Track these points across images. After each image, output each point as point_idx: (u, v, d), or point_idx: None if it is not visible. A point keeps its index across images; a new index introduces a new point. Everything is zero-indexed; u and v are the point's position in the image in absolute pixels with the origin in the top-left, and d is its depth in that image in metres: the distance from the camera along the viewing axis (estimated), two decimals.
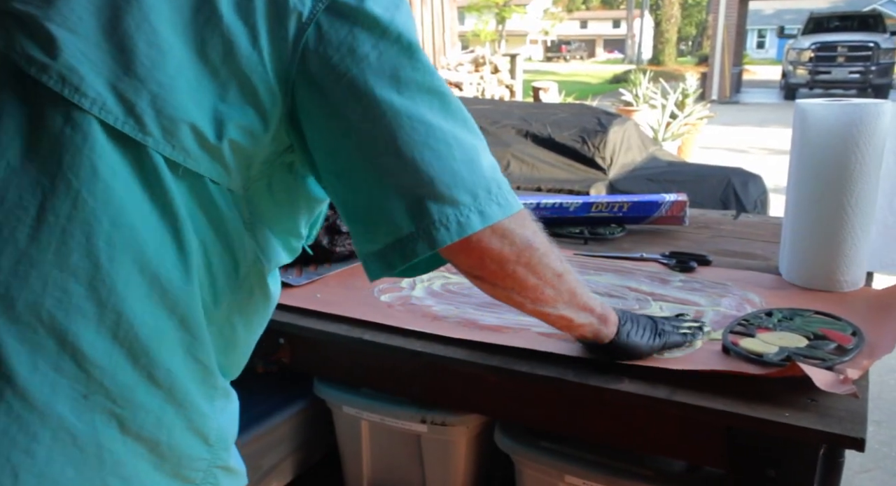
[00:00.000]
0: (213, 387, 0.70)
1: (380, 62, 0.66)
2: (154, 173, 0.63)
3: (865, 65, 14.00)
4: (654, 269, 1.30)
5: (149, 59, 0.62)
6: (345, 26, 0.66)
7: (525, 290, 0.76)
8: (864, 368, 0.86)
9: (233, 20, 0.64)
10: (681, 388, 0.86)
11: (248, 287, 0.74)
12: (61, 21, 0.61)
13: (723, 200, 3.37)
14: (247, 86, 0.65)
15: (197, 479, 0.69)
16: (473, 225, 0.67)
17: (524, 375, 0.93)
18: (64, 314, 0.59)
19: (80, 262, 0.60)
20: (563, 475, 1.08)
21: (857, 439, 0.76)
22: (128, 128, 0.62)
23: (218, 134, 0.65)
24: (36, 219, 0.59)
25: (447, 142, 0.67)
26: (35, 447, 0.59)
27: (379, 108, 0.65)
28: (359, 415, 1.23)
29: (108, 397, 0.62)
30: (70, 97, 0.61)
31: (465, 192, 0.66)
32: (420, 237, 0.66)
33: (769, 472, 0.83)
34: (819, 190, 1.14)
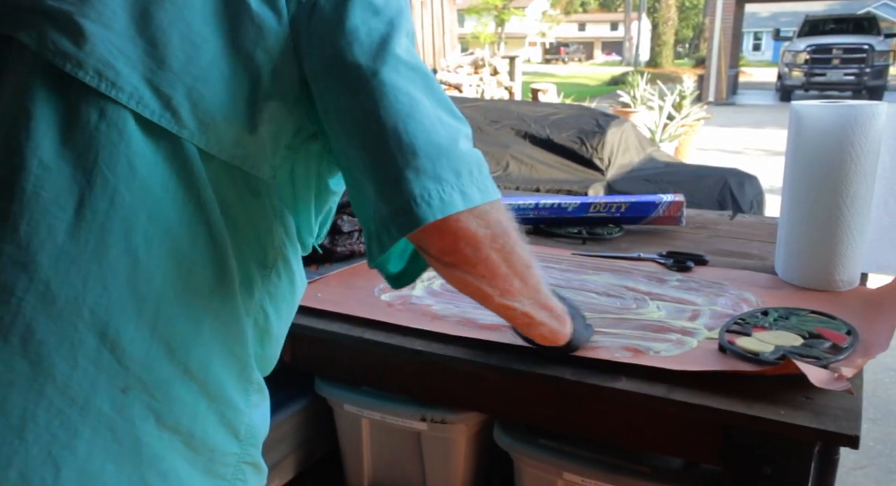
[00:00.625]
0: (248, 381, 0.71)
1: (370, 37, 0.64)
2: (188, 166, 0.63)
3: (860, 67, 14.01)
4: (651, 268, 1.30)
5: (183, 53, 0.63)
6: (339, 5, 0.65)
7: (496, 279, 0.71)
8: (859, 366, 0.86)
9: (260, 7, 0.64)
10: (678, 386, 0.86)
11: (277, 274, 0.74)
12: (96, 17, 0.61)
13: (719, 201, 3.37)
14: (278, 70, 0.66)
15: (227, 475, 0.69)
16: (455, 204, 0.62)
17: (523, 373, 0.93)
18: (104, 310, 0.60)
19: (120, 257, 0.60)
20: (561, 473, 1.08)
21: (851, 436, 0.76)
22: (164, 121, 0.62)
23: (252, 123, 0.65)
24: (74, 216, 0.59)
25: (430, 117, 0.63)
26: (76, 442, 0.59)
27: (363, 76, 0.63)
28: (359, 413, 1.23)
29: (146, 391, 0.62)
30: (107, 92, 0.61)
31: (448, 169, 0.62)
32: (401, 214, 0.61)
33: (765, 469, 0.83)
34: (815, 190, 1.14)
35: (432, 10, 9.29)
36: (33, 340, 0.58)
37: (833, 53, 14.23)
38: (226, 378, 0.67)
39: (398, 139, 0.62)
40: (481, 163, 0.66)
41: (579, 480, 1.06)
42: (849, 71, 14.11)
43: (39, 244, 0.59)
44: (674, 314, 1.07)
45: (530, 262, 0.74)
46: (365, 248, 0.69)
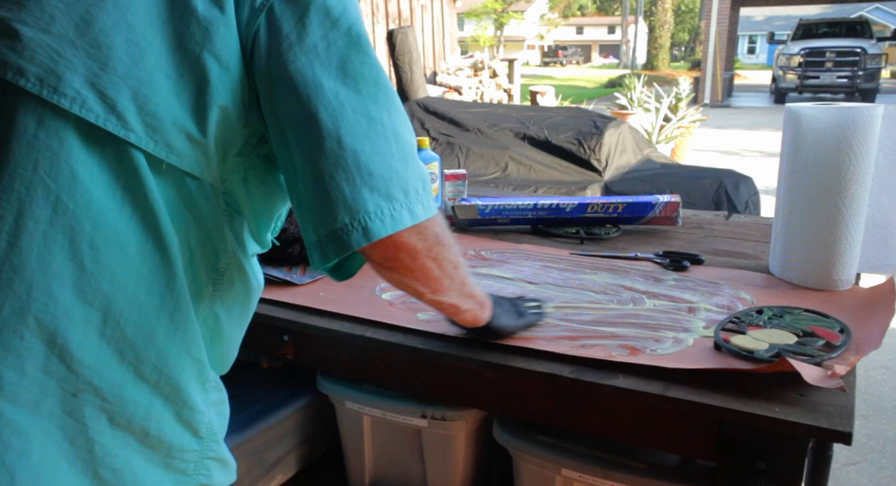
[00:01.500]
0: (205, 380, 0.71)
1: (328, 53, 0.65)
2: (134, 172, 0.62)
3: (853, 70, 14.01)
4: (648, 268, 1.30)
5: (128, 56, 0.61)
6: (296, 14, 0.65)
7: (429, 281, 0.75)
8: (852, 364, 0.86)
9: (207, 8, 0.63)
10: (674, 384, 0.86)
11: (229, 278, 0.74)
12: (33, 22, 0.60)
13: (715, 201, 3.37)
14: (225, 73, 0.64)
15: (189, 470, 0.69)
16: (404, 221, 0.66)
17: (521, 371, 0.93)
18: (51, 318, 0.59)
19: (65, 265, 0.59)
20: (559, 469, 1.08)
21: (844, 432, 0.76)
22: (109, 124, 0.61)
23: (200, 126, 0.64)
24: (14, 226, 0.58)
25: (387, 138, 0.66)
26: (28, 446, 0.59)
27: (325, 97, 0.64)
28: (361, 410, 1.23)
29: (97, 394, 0.62)
30: (49, 98, 0.59)
31: (398, 188, 0.66)
32: (355, 229, 0.64)
33: (760, 465, 0.83)
34: (814, 191, 1.14)
35: (432, 13, 9.28)
36: None
37: (826, 57, 14.23)
38: (182, 378, 0.67)
39: (356, 159, 0.64)
40: (426, 180, 0.70)
41: (577, 476, 1.06)
42: (842, 74, 14.10)
43: None
44: (670, 313, 1.07)
45: (458, 262, 0.79)
46: (308, 255, 0.70)
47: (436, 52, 9.45)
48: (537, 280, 1.24)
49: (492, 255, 1.39)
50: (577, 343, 0.97)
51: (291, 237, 1.32)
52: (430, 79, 8.29)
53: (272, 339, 1.16)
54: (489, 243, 1.48)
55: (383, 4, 8.24)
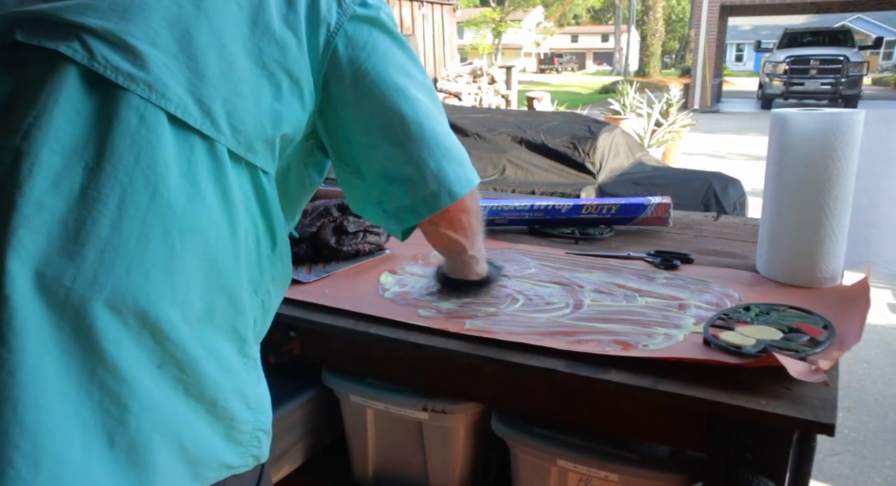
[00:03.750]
0: (247, 356, 0.74)
1: (396, 59, 0.79)
2: (219, 167, 0.68)
3: (836, 77, 14.02)
4: (640, 267, 1.30)
5: (219, 69, 0.68)
6: (365, 30, 0.77)
7: (474, 236, 0.95)
8: (835, 358, 0.86)
9: (283, 30, 0.72)
10: (665, 378, 0.86)
11: (280, 259, 0.80)
12: (142, 36, 0.65)
13: (704, 203, 3.37)
14: (296, 85, 0.73)
15: (244, 441, 0.72)
16: (473, 181, 0.84)
17: (519, 366, 0.93)
18: (145, 296, 0.62)
19: (159, 249, 0.63)
20: (555, 460, 1.08)
21: (827, 424, 0.76)
22: (206, 127, 0.66)
23: (275, 130, 0.72)
24: (117, 211, 0.62)
25: (444, 122, 0.83)
26: (126, 416, 0.62)
27: (404, 94, 0.79)
28: (364, 403, 1.23)
29: (178, 367, 0.65)
30: (157, 102, 0.64)
31: (464, 157, 0.84)
32: (442, 192, 0.81)
33: (747, 456, 0.83)
34: (799, 192, 1.14)
35: (433, 22, 9.27)
36: (83, 326, 0.60)
37: (811, 64, 14.23)
38: (233, 354, 0.71)
39: (436, 139, 0.81)
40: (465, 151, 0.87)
41: (572, 466, 1.06)
42: (825, 81, 14.11)
43: (85, 238, 0.61)
44: (662, 310, 1.07)
45: (480, 221, 0.97)
46: (393, 219, 0.85)
47: (436, 59, 9.45)
48: (535, 278, 1.24)
49: (490, 254, 1.39)
50: (572, 339, 0.97)
51: (298, 237, 1.32)
52: None
53: (279, 335, 1.16)
54: (487, 243, 1.47)
55: None
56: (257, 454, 0.74)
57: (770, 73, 14.91)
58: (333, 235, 1.33)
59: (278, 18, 0.71)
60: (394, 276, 1.26)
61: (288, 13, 0.72)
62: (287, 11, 0.72)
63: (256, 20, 0.70)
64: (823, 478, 2.15)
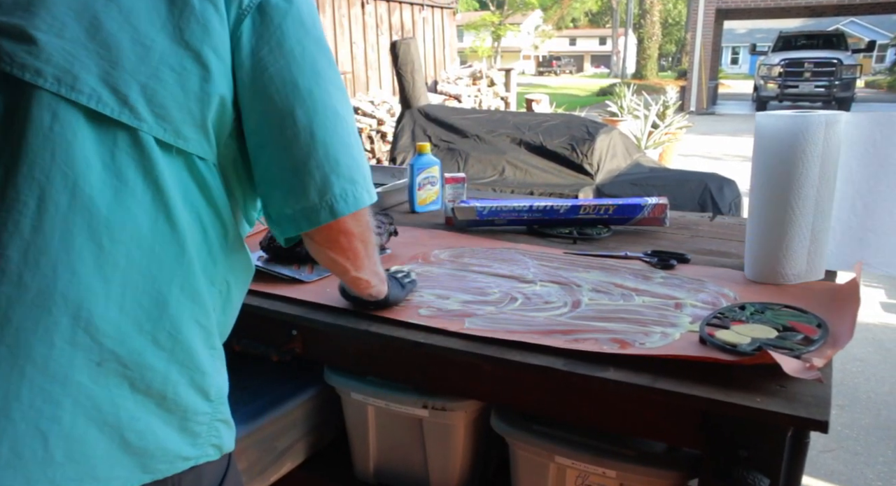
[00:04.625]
0: (213, 348, 0.72)
1: (303, 56, 0.71)
2: (145, 157, 0.65)
3: (830, 80, 14.01)
4: (637, 266, 1.30)
5: (134, 54, 0.64)
6: (275, 21, 0.70)
7: (356, 260, 0.84)
8: (829, 356, 0.86)
9: (202, 6, 0.67)
10: (661, 376, 0.86)
11: (236, 249, 0.77)
12: (47, 28, 0.63)
13: (700, 203, 3.37)
14: (221, 64, 0.68)
15: (202, 432, 0.70)
16: (364, 201, 0.75)
17: (517, 364, 0.93)
18: (75, 293, 0.61)
19: (85, 245, 0.61)
20: (553, 456, 1.08)
21: (821, 421, 0.76)
22: (124, 117, 0.63)
23: (203, 113, 0.68)
24: (37, 211, 0.60)
25: (348, 131, 0.74)
26: (60, 413, 0.60)
27: (300, 94, 0.70)
28: (365, 401, 1.23)
29: (120, 363, 0.63)
30: (67, 95, 0.62)
31: (358, 173, 0.74)
32: (323, 208, 0.72)
33: (742, 452, 0.83)
34: (768, 192, 1.16)
35: (433, 25, 9.27)
36: (10, 327, 0.59)
37: (805, 67, 14.22)
38: (194, 345, 0.69)
39: (326, 150, 0.71)
40: (368, 169, 0.78)
41: (570, 462, 1.06)
42: (819, 83, 14.10)
43: (8, 239, 0.60)
44: (658, 309, 1.07)
45: (375, 243, 0.87)
46: (274, 224, 0.76)
47: (437, 62, 9.44)
48: (533, 278, 1.23)
49: (489, 254, 1.39)
50: (570, 337, 0.97)
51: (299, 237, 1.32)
52: (432, 87, 8.28)
53: (281, 333, 1.16)
54: (487, 243, 1.48)
55: (387, 17, 8.23)
56: (217, 443, 0.72)
57: (765, 75, 14.89)
58: None
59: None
60: None
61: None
62: None
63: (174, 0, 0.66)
64: (817, 474, 2.15)
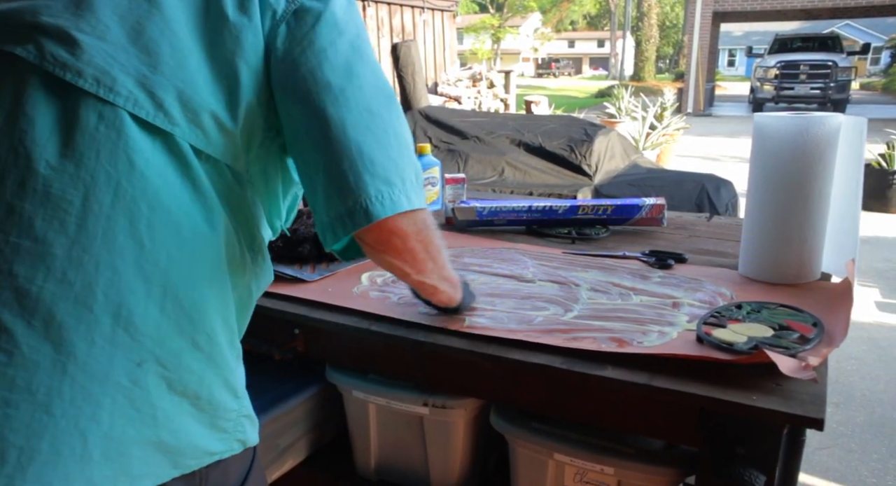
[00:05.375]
0: (236, 347, 0.73)
1: (336, 56, 0.69)
2: (183, 159, 0.65)
3: (825, 82, 14.01)
4: (635, 266, 1.30)
5: (173, 60, 0.65)
6: (308, 23, 0.69)
7: (415, 263, 0.78)
8: (824, 355, 0.86)
9: (237, 17, 0.67)
10: (659, 374, 0.86)
11: (262, 256, 0.78)
12: (90, 30, 0.63)
13: (697, 204, 3.37)
14: (252, 74, 0.68)
15: (228, 428, 0.71)
16: (402, 205, 0.69)
17: (517, 362, 0.93)
18: (116, 292, 0.61)
19: (126, 243, 0.61)
20: (552, 453, 1.08)
21: (817, 419, 0.76)
22: (158, 120, 0.64)
23: (233, 121, 0.68)
24: (82, 209, 0.60)
25: (386, 131, 0.70)
26: (99, 413, 0.60)
27: (332, 93, 0.68)
28: (367, 399, 1.23)
29: (159, 363, 0.63)
30: (105, 96, 0.62)
31: (396, 175, 0.69)
32: (358, 211, 0.68)
33: (738, 450, 0.83)
34: (771, 194, 1.15)
35: (434, 28, 9.26)
36: (54, 323, 0.59)
37: (800, 69, 14.22)
38: (224, 346, 0.70)
39: (360, 150, 0.68)
40: (419, 172, 0.74)
41: (568, 460, 1.06)
42: (815, 85, 14.10)
43: (54, 237, 0.60)
44: (656, 308, 1.07)
45: (441, 246, 0.82)
46: (321, 237, 0.73)
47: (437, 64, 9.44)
48: (532, 277, 1.23)
49: (489, 253, 1.39)
50: (569, 336, 0.97)
51: (301, 237, 1.32)
52: (432, 89, 8.27)
53: (284, 332, 1.16)
54: (486, 243, 1.48)
55: (388, 19, 8.23)
56: (242, 438, 0.73)
57: (761, 77, 14.90)
58: None
59: (232, 5, 0.67)
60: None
61: None
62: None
63: (209, 9, 0.67)
64: (812, 471, 2.15)
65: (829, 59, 14.22)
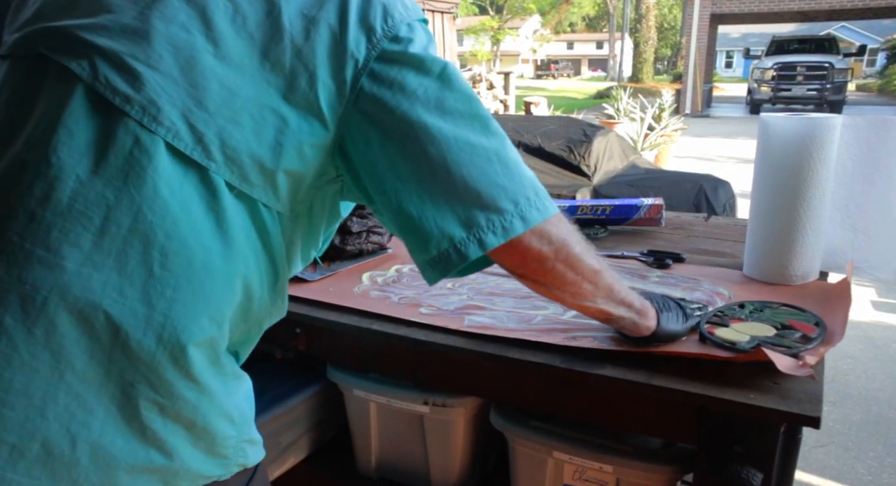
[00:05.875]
0: (222, 373, 0.70)
1: (426, 95, 0.69)
2: (214, 194, 0.65)
3: (822, 83, 14.02)
4: (634, 266, 1.30)
5: (220, 97, 0.65)
6: (394, 68, 0.69)
7: (565, 285, 0.76)
8: (821, 354, 0.86)
9: (295, 65, 0.67)
10: (658, 373, 0.86)
11: (281, 296, 0.77)
12: (145, 59, 0.63)
13: (695, 204, 3.37)
14: (302, 121, 0.67)
15: (229, 454, 0.70)
16: (517, 229, 0.69)
17: (516, 361, 0.93)
18: (118, 314, 0.60)
19: (136, 269, 0.61)
20: (551, 452, 1.08)
21: (813, 417, 0.76)
22: (196, 154, 0.64)
23: (275, 163, 0.67)
24: (100, 228, 0.60)
25: (489, 158, 0.69)
26: (91, 420, 0.60)
27: (429, 134, 0.68)
28: (367, 397, 1.23)
29: (152, 388, 0.63)
30: (148, 125, 0.62)
31: (507, 200, 0.69)
32: (471, 242, 0.68)
33: (736, 448, 0.83)
34: (775, 193, 1.15)
35: (434, 29, 9.28)
36: (56, 333, 0.59)
37: (797, 71, 14.23)
38: (209, 374, 0.68)
39: (464, 184, 0.68)
40: (536, 186, 0.72)
41: (568, 458, 1.06)
42: (811, 87, 14.11)
43: (68, 250, 0.59)
44: None
45: (599, 267, 0.79)
46: (422, 272, 0.73)
47: None
48: None
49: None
50: (568, 335, 0.96)
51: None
52: None
53: (285, 331, 1.16)
54: None
55: None
56: (243, 462, 0.72)
57: (758, 79, 14.91)
58: (337, 234, 1.33)
59: (290, 52, 0.67)
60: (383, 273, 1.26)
61: (303, 46, 0.67)
62: (303, 44, 0.67)
63: (267, 53, 0.66)
64: (809, 469, 2.15)
65: (826, 60, 14.24)
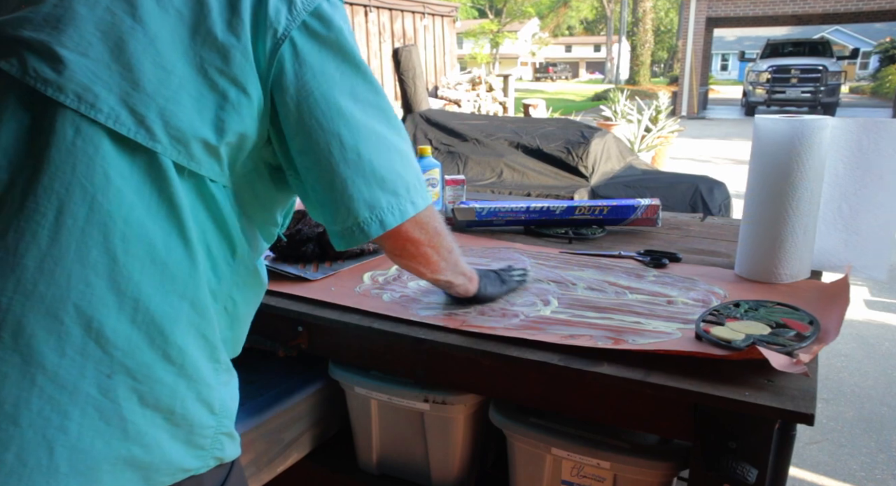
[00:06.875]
0: (217, 361, 0.71)
1: (342, 81, 0.72)
2: (161, 175, 0.64)
3: (815, 85, 14.01)
4: (630, 265, 1.30)
5: (155, 77, 0.64)
6: (314, 47, 0.70)
7: (429, 264, 0.88)
8: (815, 352, 0.86)
9: (225, 37, 0.66)
10: (654, 371, 0.86)
11: (243, 268, 0.76)
12: (73, 46, 0.62)
13: (691, 205, 3.37)
14: (243, 93, 0.67)
15: (206, 445, 0.69)
16: (408, 212, 0.76)
17: (515, 359, 0.93)
18: (88, 304, 0.60)
19: (100, 257, 0.61)
20: (549, 448, 1.08)
21: (807, 414, 0.76)
22: (139, 137, 0.63)
23: (218, 137, 0.67)
24: (55, 222, 0.60)
25: (389, 148, 0.75)
26: (67, 423, 0.59)
27: (344, 117, 0.71)
28: (369, 395, 1.23)
29: (130, 375, 0.62)
30: (86, 113, 0.61)
31: (402, 186, 0.76)
32: (373, 222, 0.74)
33: (731, 444, 0.83)
34: (765, 193, 1.15)
35: (434, 33, 9.27)
36: (24, 335, 0.58)
37: (792, 73, 14.22)
38: (199, 360, 0.68)
39: (371, 167, 0.73)
40: (421, 177, 0.80)
41: (565, 454, 1.06)
42: (805, 89, 14.10)
43: (25, 249, 0.59)
44: (650, 306, 1.07)
45: (452, 247, 0.91)
46: (331, 239, 0.78)
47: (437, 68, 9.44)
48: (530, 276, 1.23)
49: (488, 253, 1.39)
50: (566, 333, 0.96)
51: (305, 237, 1.32)
52: (432, 92, 8.27)
53: (288, 330, 1.16)
54: (486, 243, 1.48)
55: (389, 25, 8.23)
56: (220, 455, 0.72)
57: (753, 81, 14.90)
58: None
59: (221, 24, 0.66)
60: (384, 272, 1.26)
61: (231, 18, 0.66)
62: (231, 16, 0.66)
63: (197, 28, 0.65)
64: (803, 465, 2.15)
65: (820, 63, 14.23)
